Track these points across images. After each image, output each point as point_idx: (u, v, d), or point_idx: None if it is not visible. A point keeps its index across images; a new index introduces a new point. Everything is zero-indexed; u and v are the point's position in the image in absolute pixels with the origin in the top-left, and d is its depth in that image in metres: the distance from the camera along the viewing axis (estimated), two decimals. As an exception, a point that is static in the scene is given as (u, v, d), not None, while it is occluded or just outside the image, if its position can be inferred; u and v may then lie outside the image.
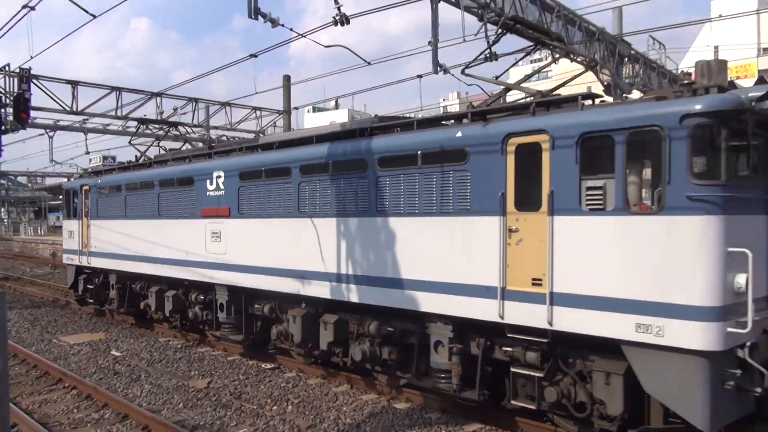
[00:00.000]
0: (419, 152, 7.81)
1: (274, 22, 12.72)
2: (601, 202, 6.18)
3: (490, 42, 8.37)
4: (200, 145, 31.77)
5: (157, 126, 16.27)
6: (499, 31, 7.98)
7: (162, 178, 12.95)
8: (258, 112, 29.67)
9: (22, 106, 17.73)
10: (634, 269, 5.92)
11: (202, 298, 12.14)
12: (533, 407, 6.82)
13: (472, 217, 7.21)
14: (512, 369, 6.96)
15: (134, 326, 14.70)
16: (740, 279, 5.58)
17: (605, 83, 21.81)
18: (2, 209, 61.91)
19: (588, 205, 6.25)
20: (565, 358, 6.67)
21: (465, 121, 7.83)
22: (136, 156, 16.36)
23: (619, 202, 6.03)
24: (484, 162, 7.11)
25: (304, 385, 9.48)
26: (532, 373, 6.75)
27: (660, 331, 5.72)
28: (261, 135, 30.62)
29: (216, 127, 29.76)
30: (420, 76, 20.83)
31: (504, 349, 7.10)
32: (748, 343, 5.62)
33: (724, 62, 6.93)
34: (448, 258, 7.46)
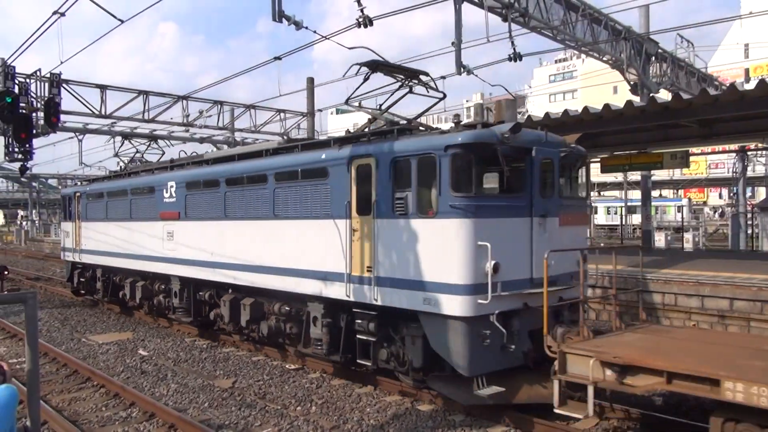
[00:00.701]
0: (299, 169, 9.89)
1: (298, 25, 12.82)
2: (404, 208, 8.08)
3: (363, 78, 9.97)
4: (225, 147, 32.13)
5: (140, 140, 19.19)
6: (367, 71, 9.71)
7: (133, 187, 15.47)
8: (282, 115, 29.87)
9: (52, 110, 18.09)
10: (423, 258, 7.83)
11: (163, 287, 14.25)
12: (369, 364, 8.80)
13: (332, 220, 9.14)
14: (358, 336, 8.87)
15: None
16: (488, 265, 7.37)
17: (632, 82, 21.49)
18: (33, 211, 63.31)
19: (396, 210, 8.15)
20: (395, 327, 8.48)
21: (364, 143, 9.35)
22: (120, 167, 18.91)
23: (414, 209, 7.97)
24: (338, 178, 9.07)
25: (328, 386, 9.50)
26: (370, 339, 8.64)
27: (437, 303, 7.61)
28: (285, 137, 30.78)
29: (241, 130, 30.04)
30: (443, 77, 20.74)
31: (356, 321, 8.86)
32: (496, 312, 7.43)
33: (513, 101, 9.82)
34: (317, 252, 9.42)
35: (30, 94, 18.91)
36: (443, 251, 7.61)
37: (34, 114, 18.32)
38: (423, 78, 10.02)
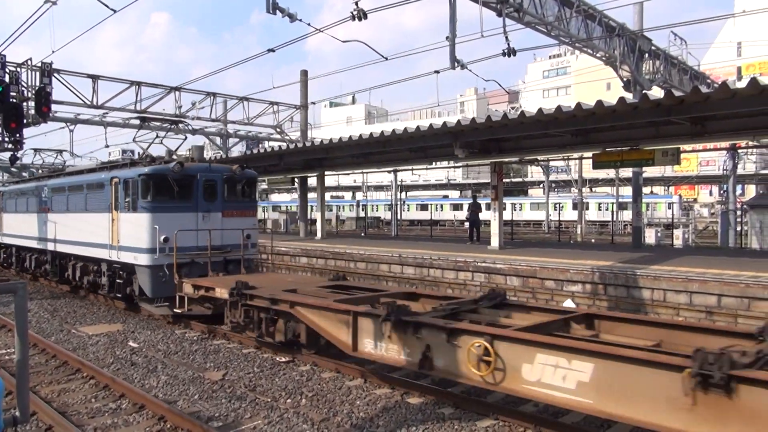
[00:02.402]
0: (95, 182, 16.05)
1: (292, 17, 12.81)
2: (127, 207, 14.05)
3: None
4: (218, 140, 31.89)
5: (49, 152, 26.87)
6: (141, 121, 17.60)
7: (29, 189, 21.59)
8: (275, 107, 29.72)
9: (43, 99, 17.99)
10: (134, 234, 13.71)
11: (45, 258, 19.99)
12: (120, 295, 14.81)
13: (105, 213, 15.12)
14: (116, 280, 14.87)
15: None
16: (161, 237, 13.24)
17: (625, 79, 21.53)
18: (24, 201, 62.96)
19: (125, 208, 14.11)
20: (130, 273, 14.31)
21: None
22: (33, 173, 25.68)
23: (131, 207, 13.88)
24: (107, 188, 15.06)
25: (318, 378, 9.52)
26: (120, 281, 14.73)
27: (138, 258, 13.51)
28: (279, 129, 30.62)
29: (234, 122, 29.87)
30: (437, 72, 20.71)
31: (117, 272, 14.85)
32: (166, 263, 13.12)
33: (201, 147, 17.10)
34: (101, 232, 15.19)
35: (21, 83, 18.72)
36: (140, 230, 13.43)
37: (24, 103, 18.17)
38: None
